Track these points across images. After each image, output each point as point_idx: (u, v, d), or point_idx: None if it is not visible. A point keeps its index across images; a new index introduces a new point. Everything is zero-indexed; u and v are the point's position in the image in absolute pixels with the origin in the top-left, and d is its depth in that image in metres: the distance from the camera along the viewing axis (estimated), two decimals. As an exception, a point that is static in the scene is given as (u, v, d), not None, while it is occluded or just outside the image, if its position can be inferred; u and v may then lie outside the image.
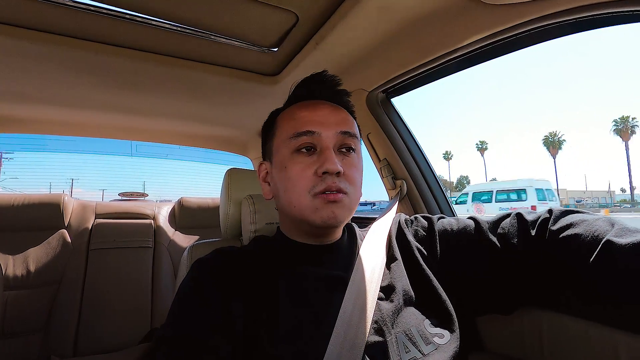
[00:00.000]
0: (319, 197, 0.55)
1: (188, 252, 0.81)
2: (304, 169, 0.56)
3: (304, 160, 0.57)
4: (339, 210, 0.56)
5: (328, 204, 0.55)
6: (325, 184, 0.55)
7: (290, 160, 0.58)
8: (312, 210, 0.55)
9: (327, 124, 0.58)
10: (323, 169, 0.54)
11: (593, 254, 0.49)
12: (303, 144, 0.57)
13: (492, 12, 0.68)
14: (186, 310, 0.51)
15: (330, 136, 0.58)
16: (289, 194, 0.57)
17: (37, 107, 1.34)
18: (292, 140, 0.58)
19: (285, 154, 0.59)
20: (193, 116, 1.53)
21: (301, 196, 0.56)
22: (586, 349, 0.55)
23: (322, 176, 0.55)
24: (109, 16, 0.81)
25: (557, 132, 43.22)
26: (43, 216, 1.52)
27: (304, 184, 0.56)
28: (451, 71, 0.93)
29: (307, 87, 0.65)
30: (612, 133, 38.55)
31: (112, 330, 1.41)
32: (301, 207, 0.56)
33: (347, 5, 0.73)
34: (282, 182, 0.59)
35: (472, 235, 0.63)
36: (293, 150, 0.58)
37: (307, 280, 0.56)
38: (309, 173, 0.56)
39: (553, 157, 43.16)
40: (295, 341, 0.48)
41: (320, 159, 0.56)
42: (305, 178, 0.56)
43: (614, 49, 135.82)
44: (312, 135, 0.57)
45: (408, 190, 1.10)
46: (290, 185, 0.57)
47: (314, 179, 0.55)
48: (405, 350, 0.50)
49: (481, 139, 77.96)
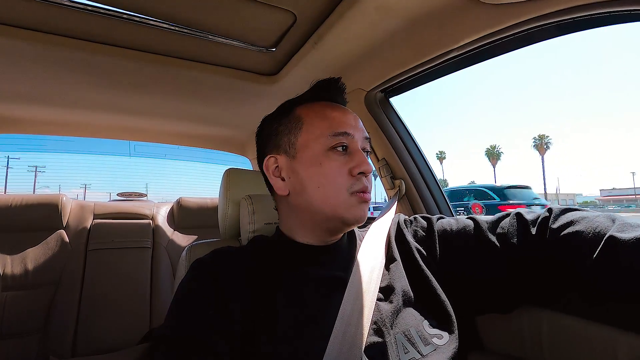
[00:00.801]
0: (356, 196, 0.57)
1: (186, 252, 0.81)
2: (340, 167, 0.58)
3: (340, 158, 0.59)
4: (367, 209, 0.60)
5: (362, 203, 0.58)
6: (362, 184, 0.58)
7: (325, 157, 0.58)
8: (346, 207, 0.57)
9: (356, 128, 0.61)
10: (360, 169, 0.57)
11: (595, 251, 0.49)
12: (338, 143, 0.59)
13: (489, 12, 0.68)
14: (185, 310, 0.51)
15: (359, 140, 0.61)
16: (324, 189, 0.58)
17: (35, 107, 1.34)
18: (330, 138, 0.59)
19: (319, 151, 0.59)
20: (191, 116, 1.53)
21: (339, 193, 0.57)
22: (586, 348, 0.55)
23: (358, 176, 0.58)
24: (107, 16, 0.81)
25: (496, 146, 51.57)
26: (41, 217, 1.51)
27: (341, 181, 0.57)
28: (449, 71, 0.93)
29: (329, 90, 0.66)
30: (532, 148, 46.73)
31: (110, 330, 1.41)
32: (337, 203, 0.57)
33: (345, 5, 0.73)
34: (315, 177, 0.58)
35: (471, 235, 0.63)
36: (329, 147, 0.59)
37: (306, 280, 0.56)
38: (345, 171, 0.58)
39: (493, 166, 51.65)
40: (293, 341, 0.48)
41: (354, 160, 0.58)
42: (342, 175, 0.58)
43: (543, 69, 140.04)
44: (347, 137, 0.59)
45: (407, 190, 1.10)
46: (327, 181, 0.58)
47: (349, 178, 0.58)
48: (404, 351, 0.50)
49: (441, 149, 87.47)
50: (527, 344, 0.64)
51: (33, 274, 1.38)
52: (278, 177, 0.63)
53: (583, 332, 0.56)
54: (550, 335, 0.61)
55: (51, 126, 1.56)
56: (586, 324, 0.56)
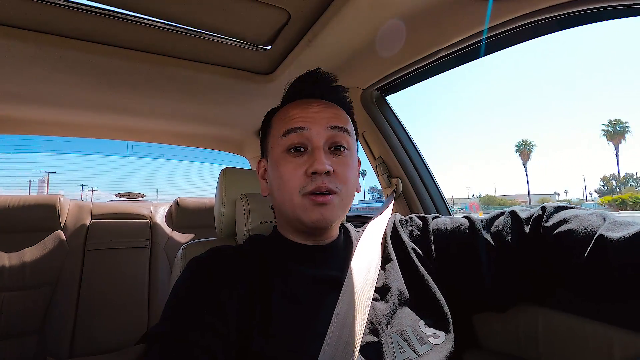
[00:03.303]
0: (308, 198, 0.55)
1: (182, 251, 0.80)
2: (295, 169, 0.56)
3: (295, 160, 0.57)
4: (327, 212, 0.56)
5: (316, 206, 0.55)
6: (314, 184, 0.55)
7: (282, 159, 0.58)
8: (302, 209, 0.56)
9: (317, 119, 0.58)
10: (312, 169, 0.54)
11: (586, 250, 0.48)
12: (293, 143, 0.57)
13: (485, 8, 0.68)
14: (180, 308, 0.51)
15: (320, 132, 0.57)
16: (281, 192, 0.58)
17: (31, 107, 1.33)
18: (283, 139, 0.58)
19: (278, 153, 0.59)
20: (188, 116, 1.52)
21: (292, 195, 0.56)
22: (581, 345, 0.55)
23: (312, 176, 0.55)
24: (103, 16, 0.81)
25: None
26: (39, 217, 1.51)
27: (294, 183, 0.56)
28: (446, 68, 0.93)
29: (301, 86, 0.64)
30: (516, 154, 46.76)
31: (108, 331, 1.41)
32: (293, 206, 0.57)
33: (339, 2, 0.72)
34: (275, 180, 0.60)
35: (466, 233, 0.63)
36: (284, 149, 0.58)
37: (302, 280, 0.56)
38: (300, 173, 0.56)
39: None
40: (289, 341, 0.48)
41: (310, 159, 0.56)
42: (295, 178, 0.56)
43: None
44: (301, 132, 0.57)
45: (404, 189, 1.10)
46: (282, 184, 0.57)
47: (304, 179, 0.56)
48: (400, 351, 0.50)
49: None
50: (523, 342, 0.64)
51: (31, 274, 1.38)
52: (264, 179, 0.67)
53: (579, 329, 0.56)
54: (545, 333, 0.60)
55: (48, 127, 1.55)
56: (582, 322, 0.56)
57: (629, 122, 40.83)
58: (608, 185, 42.92)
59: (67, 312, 1.38)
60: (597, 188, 44.77)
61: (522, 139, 44.69)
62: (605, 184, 43.24)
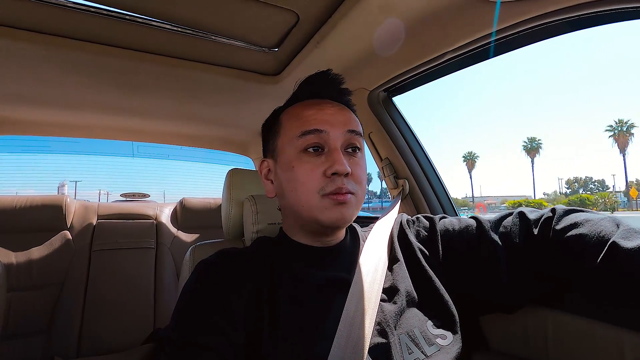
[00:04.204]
0: (328, 198, 0.55)
1: (190, 252, 0.81)
2: (312, 169, 0.56)
3: (312, 160, 0.56)
4: (347, 211, 0.56)
5: (337, 205, 0.55)
6: (335, 185, 0.54)
7: (297, 159, 0.57)
8: (320, 210, 0.55)
9: (334, 123, 0.58)
10: (333, 170, 0.54)
11: (598, 256, 0.48)
12: (311, 143, 0.57)
13: (493, 10, 0.68)
14: (189, 311, 0.51)
15: (338, 135, 0.57)
16: (296, 194, 0.57)
17: (38, 109, 1.34)
18: (299, 139, 0.57)
19: (292, 154, 0.58)
20: (194, 117, 1.53)
21: (310, 196, 0.55)
22: (591, 347, 0.55)
23: (331, 177, 0.55)
24: (110, 18, 0.81)
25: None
26: (45, 217, 1.52)
27: (313, 184, 0.55)
28: (453, 69, 0.93)
29: (312, 86, 0.64)
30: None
31: (114, 331, 1.41)
32: (310, 207, 0.56)
33: (348, 5, 0.73)
34: (289, 182, 0.58)
35: (474, 234, 0.63)
36: (300, 149, 0.57)
37: (310, 282, 0.56)
38: (318, 173, 0.55)
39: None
40: (297, 343, 0.48)
41: (329, 160, 0.55)
42: (314, 179, 0.55)
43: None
44: (319, 134, 0.56)
45: (410, 190, 1.10)
46: (298, 185, 0.56)
47: (323, 180, 0.55)
48: (409, 352, 0.50)
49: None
50: (532, 344, 0.63)
51: (38, 274, 1.39)
52: (269, 180, 0.65)
53: (589, 332, 0.56)
54: (555, 334, 0.60)
55: (55, 128, 1.56)
56: (592, 324, 0.56)
57: (541, 140, 47.67)
58: (572, 187, 48.01)
59: (74, 312, 1.38)
60: (562, 190, 49.56)
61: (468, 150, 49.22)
62: (569, 186, 48.34)
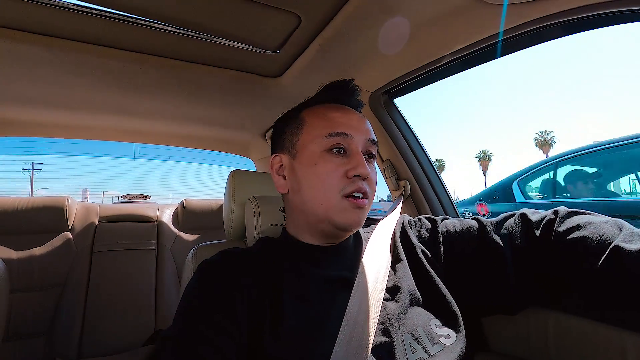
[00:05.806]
0: (348, 200, 0.57)
1: (193, 253, 0.81)
2: (335, 169, 0.58)
3: (335, 160, 0.58)
4: (363, 215, 0.58)
5: (356, 209, 0.57)
6: (355, 186, 0.57)
7: (321, 157, 0.59)
8: (339, 210, 0.57)
9: (358, 129, 0.60)
10: (356, 172, 0.56)
11: (600, 259, 0.48)
12: (336, 144, 0.59)
13: (495, 12, 0.68)
14: (192, 311, 0.51)
15: (360, 141, 0.60)
16: (316, 190, 0.58)
17: (40, 110, 1.34)
18: (326, 139, 0.59)
19: (316, 151, 0.59)
20: (195, 118, 1.53)
21: (331, 194, 0.57)
22: (593, 349, 0.55)
23: (353, 178, 0.57)
24: (111, 20, 0.81)
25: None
26: (47, 219, 1.52)
27: (334, 182, 0.57)
28: (454, 71, 0.93)
29: (336, 91, 0.66)
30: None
31: (116, 332, 1.41)
32: (329, 206, 0.57)
33: (350, 7, 0.73)
34: (309, 177, 0.59)
35: (475, 235, 0.63)
36: (325, 148, 0.59)
37: (313, 281, 0.56)
38: (340, 173, 0.57)
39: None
40: (300, 342, 0.49)
41: (351, 162, 0.58)
42: (335, 177, 0.57)
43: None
44: (345, 137, 0.59)
45: (412, 191, 1.10)
46: (319, 182, 0.58)
47: (343, 180, 0.57)
48: (412, 351, 0.50)
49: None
50: (534, 345, 0.63)
51: (39, 275, 1.39)
52: (280, 175, 0.65)
53: (591, 333, 0.56)
54: (556, 336, 0.60)
55: (56, 129, 1.56)
56: (594, 326, 0.55)
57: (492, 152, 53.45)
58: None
59: (75, 313, 1.38)
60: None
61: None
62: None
